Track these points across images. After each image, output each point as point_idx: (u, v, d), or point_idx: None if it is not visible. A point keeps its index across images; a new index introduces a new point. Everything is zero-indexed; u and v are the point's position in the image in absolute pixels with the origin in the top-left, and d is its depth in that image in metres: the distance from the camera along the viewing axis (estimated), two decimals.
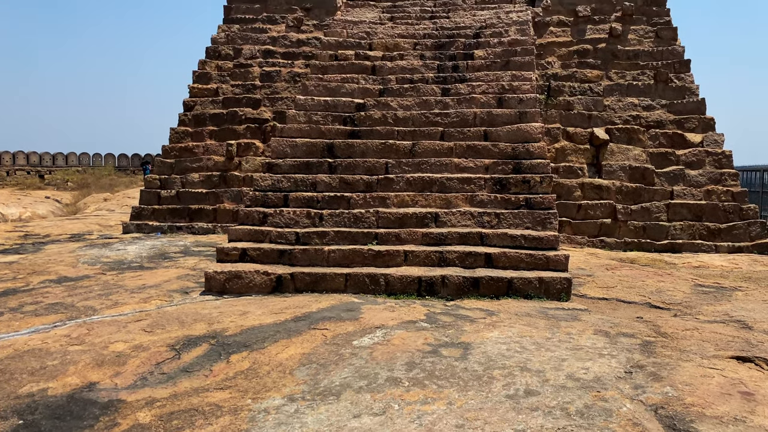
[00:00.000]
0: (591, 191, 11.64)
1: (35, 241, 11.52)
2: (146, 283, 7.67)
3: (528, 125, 9.56)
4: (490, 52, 11.70)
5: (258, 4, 15.55)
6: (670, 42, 13.60)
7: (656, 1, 14.12)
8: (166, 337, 5.26)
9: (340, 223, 8.23)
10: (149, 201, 13.20)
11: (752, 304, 6.69)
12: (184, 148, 13.68)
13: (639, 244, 11.09)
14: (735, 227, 11.16)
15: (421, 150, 9.38)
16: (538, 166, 8.90)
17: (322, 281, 7.18)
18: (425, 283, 7.05)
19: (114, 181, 29.75)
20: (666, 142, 12.23)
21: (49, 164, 35.98)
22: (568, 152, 12.09)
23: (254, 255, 7.68)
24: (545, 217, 8.08)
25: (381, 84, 11.08)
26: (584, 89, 12.88)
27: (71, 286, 7.49)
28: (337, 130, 9.93)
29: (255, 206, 8.66)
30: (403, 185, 8.81)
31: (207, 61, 14.78)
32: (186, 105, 14.30)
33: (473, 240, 7.85)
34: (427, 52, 12.04)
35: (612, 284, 7.80)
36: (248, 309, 6.20)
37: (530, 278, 7.00)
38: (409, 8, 14.73)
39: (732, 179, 11.76)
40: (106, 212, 19.29)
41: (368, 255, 7.56)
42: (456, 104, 10.29)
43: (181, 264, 9.02)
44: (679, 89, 12.88)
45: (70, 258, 9.43)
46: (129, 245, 10.70)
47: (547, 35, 13.89)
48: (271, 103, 13.86)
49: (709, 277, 8.51)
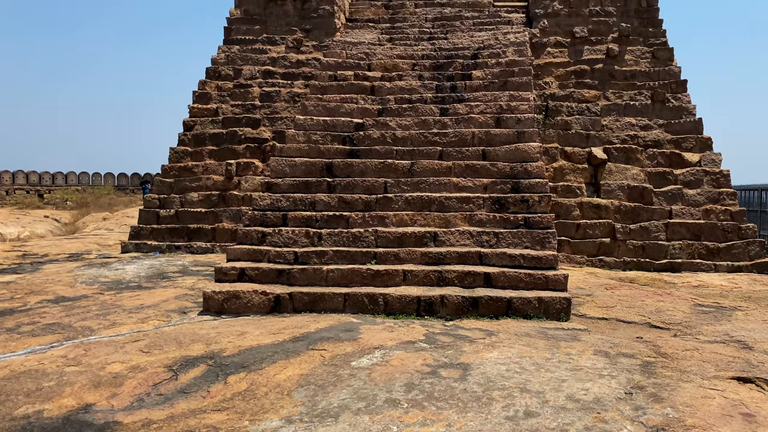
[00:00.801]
0: (590, 210, 11.65)
1: (33, 261, 11.50)
2: (144, 303, 7.64)
3: (526, 145, 9.60)
4: (488, 72, 11.79)
5: (258, 26, 15.70)
6: (667, 62, 13.71)
7: (652, 23, 14.27)
8: (163, 358, 5.23)
9: (338, 243, 8.22)
10: (148, 220, 13.19)
11: (752, 324, 6.66)
12: (184, 168, 13.71)
13: (638, 263, 11.08)
14: (734, 246, 11.15)
15: (419, 169, 9.41)
16: (536, 185, 8.92)
17: (320, 301, 7.15)
18: (424, 302, 7.02)
19: (113, 201, 29.76)
20: (664, 162, 12.28)
21: (49, 183, 36.03)
22: (566, 171, 12.13)
23: (252, 275, 7.66)
24: (544, 237, 8.08)
25: (380, 104, 11.15)
26: (582, 109, 12.96)
27: (69, 306, 7.45)
28: (336, 149, 9.97)
29: (253, 226, 8.66)
30: (402, 204, 8.82)
31: (207, 82, 14.88)
32: (186, 125, 14.37)
33: (472, 259, 7.84)
34: (425, 73, 12.14)
35: (611, 304, 7.78)
36: (246, 329, 6.17)
37: (529, 298, 6.98)
38: (407, 30, 14.88)
39: (730, 198, 11.79)
40: (105, 231, 19.27)
41: (367, 274, 7.54)
42: (454, 124, 10.35)
43: (179, 284, 8.99)
44: (676, 109, 12.96)
45: (68, 278, 9.41)
46: (127, 265, 10.67)
47: (545, 56, 14.01)
48: (271, 122, 13.93)
49: (708, 296, 8.49)
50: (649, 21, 14.28)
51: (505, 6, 16.09)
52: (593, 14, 14.40)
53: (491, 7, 16.04)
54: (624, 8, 14.46)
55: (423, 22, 15.31)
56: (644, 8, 14.43)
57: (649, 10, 14.40)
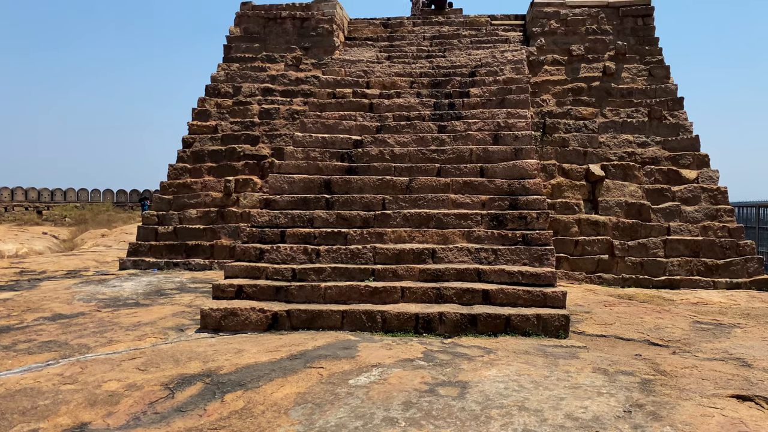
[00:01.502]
0: (588, 227, 11.66)
1: (31, 278, 11.47)
2: (141, 320, 7.61)
3: (524, 162, 9.64)
4: (486, 90, 11.87)
5: (257, 44, 15.82)
6: (663, 80, 13.81)
7: (648, 41, 14.40)
8: (160, 376, 5.20)
9: (337, 259, 8.22)
10: (146, 237, 13.18)
11: (751, 342, 6.65)
12: (183, 185, 13.73)
13: (637, 280, 11.07)
14: (732, 263, 11.15)
15: (417, 186, 9.43)
16: (534, 202, 8.94)
17: (318, 318, 7.13)
18: (422, 320, 7.00)
19: (112, 217, 29.73)
20: (661, 179, 12.32)
21: (48, 200, 36.02)
22: (564, 188, 12.16)
23: (250, 292, 7.65)
24: (542, 254, 8.08)
25: (378, 121, 11.20)
26: (579, 126, 13.03)
27: (65, 323, 7.42)
28: (334, 166, 10.00)
29: (252, 242, 8.65)
30: (400, 221, 8.83)
31: (206, 99, 14.95)
32: (185, 142, 14.42)
33: (470, 276, 7.83)
34: (423, 90, 12.22)
35: (610, 321, 7.76)
36: (243, 347, 6.15)
37: (528, 315, 6.97)
38: (406, 48, 14.99)
39: (728, 215, 11.81)
40: (104, 248, 19.24)
41: (365, 291, 7.53)
42: (452, 141, 10.39)
43: (176, 301, 8.97)
44: (673, 126, 13.03)
45: (66, 295, 9.38)
46: (125, 282, 10.65)
47: (542, 74, 14.11)
48: (270, 139, 13.98)
49: (707, 313, 8.47)
50: (645, 39, 14.41)
51: (503, 24, 16.24)
52: (590, 32, 14.54)
53: (489, 25, 16.19)
54: (620, 27, 14.60)
55: (421, 41, 15.43)
56: (640, 27, 14.57)
57: (645, 29, 14.53)
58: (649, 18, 14.60)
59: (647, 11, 14.58)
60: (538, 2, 15.02)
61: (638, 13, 14.59)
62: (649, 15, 14.60)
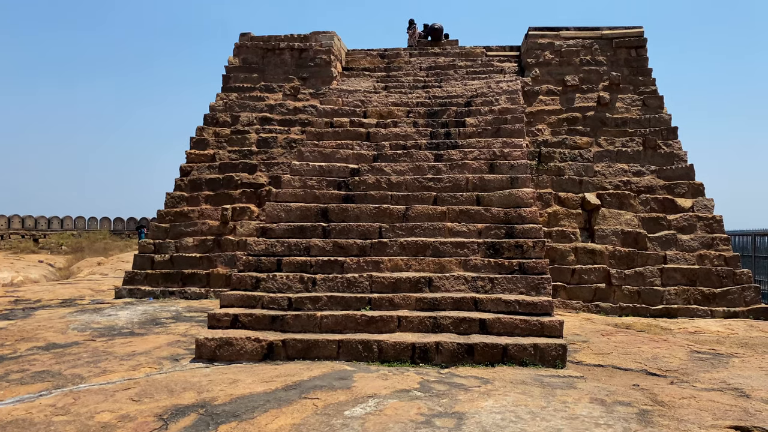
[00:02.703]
0: (584, 256, 11.68)
1: (26, 307, 11.40)
2: (136, 349, 7.55)
3: (520, 190, 9.69)
4: (482, 119, 11.99)
5: (256, 74, 16.00)
6: (657, 110, 13.97)
7: (642, 71, 14.60)
8: (154, 407, 5.15)
9: (333, 288, 8.20)
10: (143, 265, 13.15)
11: (749, 372, 6.61)
12: (180, 213, 13.75)
13: (634, 309, 11.05)
14: (729, 292, 11.15)
15: (414, 214, 9.46)
16: (530, 230, 8.97)
17: (314, 348, 7.09)
18: (419, 349, 6.96)
19: (108, 245, 29.68)
20: (657, 207, 12.38)
21: (45, 228, 35.98)
22: (560, 217, 12.20)
23: (246, 321, 7.61)
24: (539, 282, 8.08)
25: (375, 150, 11.29)
26: (574, 155, 13.13)
27: (59, 353, 7.36)
28: (331, 194, 10.03)
29: (248, 271, 8.64)
30: (397, 249, 8.83)
31: (205, 128, 15.06)
32: (183, 170, 14.48)
33: (467, 305, 7.81)
34: (420, 120, 12.33)
35: (607, 350, 7.72)
36: (238, 377, 6.10)
37: (525, 345, 6.93)
38: (402, 78, 15.18)
39: (724, 244, 11.84)
40: (100, 276, 19.16)
41: (361, 320, 7.49)
42: (449, 170, 10.46)
43: (172, 330, 8.91)
44: (667, 155, 13.14)
45: (60, 324, 9.31)
46: (120, 311, 10.59)
47: (537, 103, 14.27)
48: (268, 168, 14.05)
49: (705, 343, 8.43)
50: (638, 70, 14.62)
51: (498, 55, 16.47)
52: (584, 63, 14.75)
53: (484, 56, 16.42)
54: (614, 57, 14.82)
55: (417, 71, 15.63)
56: (634, 57, 14.79)
57: (638, 60, 14.75)
58: (642, 49, 14.83)
59: (640, 42, 14.82)
60: (532, 34, 15.27)
61: (631, 44, 14.83)
62: (642, 46, 14.84)
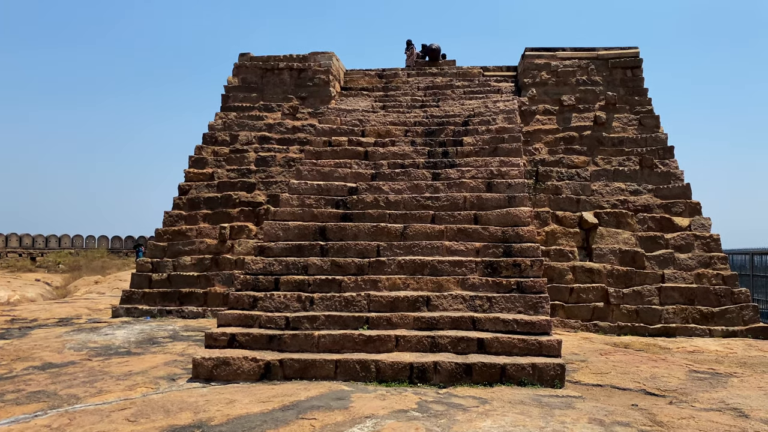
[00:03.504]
0: (582, 274, 11.67)
1: (22, 326, 11.34)
2: (133, 369, 7.51)
3: (517, 209, 9.72)
4: (479, 138, 12.06)
5: (255, 93, 16.11)
6: (653, 129, 14.07)
7: (638, 91, 14.73)
8: (149, 427, 5.11)
9: (331, 307, 8.18)
10: (140, 284, 13.11)
11: (748, 391, 6.59)
12: (178, 231, 13.75)
13: (633, 328, 11.02)
14: (728, 311, 11.13)
15: (412, 233, 9.47)
16: (528, 249, 8.98)
17: (311, 368, 7.06)
18: (417, 369, 6.94)
19: (106, 264, 29.60)
20: (654, 226, 12.41)
21: (42, 246, 35.93)
22: (558, 236, 12.22)
23: (243, 340, 7.58)
24: (537, 301, 8.07)
25: (373, 168, 11.33)
26: (572, 174, 13.19)
27: (55, 372, 7.32)
28: (329, 213, 10.06)
29: (245, 290, 8.63)
30: (395, 268, 8.83)
31: (203, 147, 15.12)
32: (181, 189, 14.50)
33: (465, 324, 7.79)
34: (417, 139, 12.40)
35: (606, 370, 7.69)
36: (235, 397, 6.06)
37: (523, 364, 6.91)
38: (400, 98, 15.29)
39: (721, 263, 11.85)
40: (97, 295, 19.09)
41: (359, 340, 7.47)
42: (446, 188, 10.50)
43: (169, 349, 8.87)
44: (664, 174, 13.20)
45: (57, 343, 9.27)
46: (117, 330, 10.54)
47: (534, 123, 14.37)
48: (266, 186, 14.09)
49: (704, 362, 8.41)
50: (634, 90, 14.74)
51: (495, 75, 16.61)
52: (580, 83, 14.87)
53: (481, 76, 16.56)
54: (610, 78, 14.95)
55: (415, 91, 15.75)
56: (629, 78, 14.92)
57: (634, 80, 14.88)
58: (637, 69, 14.97)
59: (636, 63, 14.96)
60: (529, 54, 15.42)
61: (627, 64, 14.97)
62: (637, 66, 14.98)
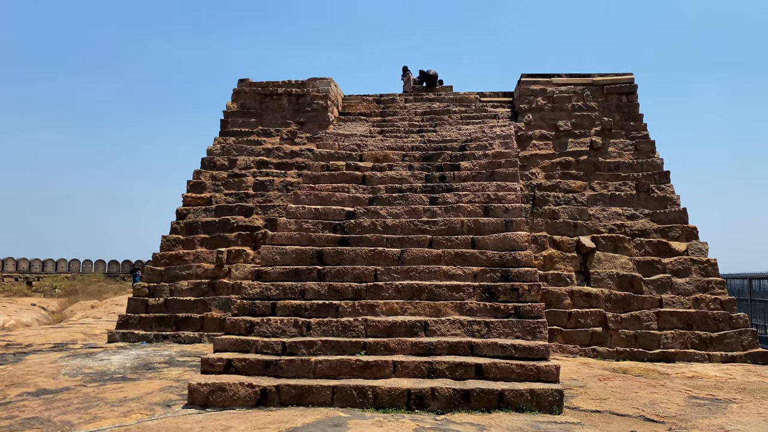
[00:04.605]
0: (580, 299, 11.65)
1: (16, 351, 11.25)
2: (128, 395, 7.44)
3: (514, 233, 9.74)
4: (476, 163, 12.13)
5: (254, 118, 16.22)
6: (649, 154, 14.17)
7: (633, 117, 14.86)
8: None
9: (327, 332, 8.14)
10: (137, 309, 13.05)
11: (747, 418, 6.54)
12: (175, 256, 13.72)
13: (631, 353, 10.96)
14: (726, 336, 11.09)
15: (409, 257, 9.47)
16: (525, 274, 8.98)
17: (308, 394, 7.00)
18: (414, 395, 6.88)
19: (103, 288, 29.46)
20: (651, 251, 12.42)
21: (38, 271, 35.78)
22: (555, 260, 12.22)
23: (239, 366, 7.53)
24: (535, 326, 8.04)
25: (371, 193, 11.37)
26: (568, 199, 13.24)
27: (50, 399, 7.25)
28: (327, 237, 10.06)
29: (242, 315, 8.59)
30: (392, 293, 8.81)
31: (202, 171, 15.18)
32: (179, 213, 14.52)
33: (463, 350, 7.76)
34: (415, 163, 12.47)
35: (605, 396, 7.64)
36: (231, 423, 6.00)
37: (521, 390, 6.87)
38: (398, 123, 15.40)
39: (719, 287, 11.84)
40: (93, 320, 18.96)
41: (356, 366, 7.42)
42: (444, 212, 10.53)
43: (165, 375, 8.80)
44: (660, 199, 13.26)
45: (51, 369, 9.19)
46: (113, 355, 10.46)
47: (530, 148, 14.46)
48: (264, 211, 14.11)
49: (703, 388, 8.36)
50: (630, 115, 14.87)
51: (491, 101, 16.77)
52: (576, 109, 15.01)
53: (478, 102, 16.71)
54: (605, 103, 15.10)
55: (413, 116, 15.88)
56: (625, 103, 15.07)
57: (629, 105, 15.03)
58: (633, 95, 15.13)
59: (631, 89, 15.13)
60: (525, 80, 15.59)
61: (622, 90, 15.13)
62: (632, 92, 15.14)
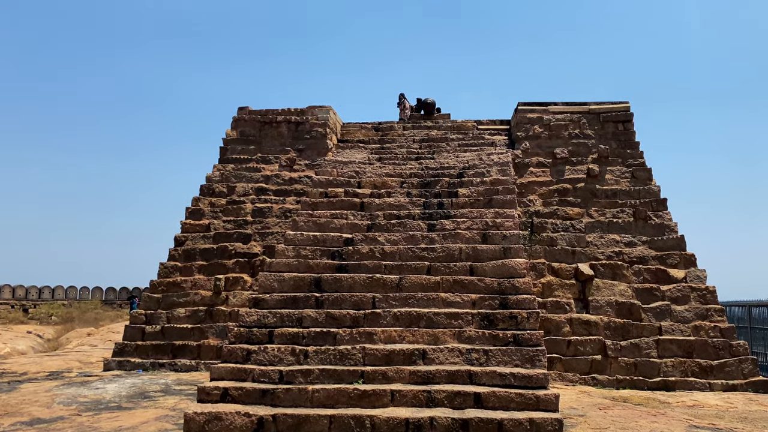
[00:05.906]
0: (579, 327, 11.59)
1: (11, 380, 11.14)
2: (123, 425, 7.35)
3: (513, 261, 9.73)
4: (474, 190, 12.18)
5: (253, 146, 16.32)
6: (646, 182, 14.24)
7: (630, 144, 14.97)
8: None
9: (325, 361, 8.08)
10: (133, 337, 12.95)
11: None
12: (172, 283, 13.67)
13: (631, 381, 10.87)
14: (727, 364, 11.02)
15: (408, 284, 9.45)
16: (524, 301, 8.95)
17: (305, 423, 6.92)
18: (413, 425, 6.81)
19: (99, 315, 29.26)
20: (650, 278, 12.41)
21: (35, 298, 35.55)
22: (554, 287, 12.20)
23: (236, 395, 7.45)
24: (534, 354, 7.99)
25: (369, 219, 11.39)
26: (566, 226, 13.27)
27: (43, 428, 7.16)
28: (325, 264, 10.04)
29: (239, 343, 8.53)
30: (391, 320, 8.77)
31: (200, 198, 15.22)
32: (177, 240, 14.51)
33: (462, 378, 7.70)
34: (413, 190, 12.52)
35: (605, 425, 7.56)
36: None
37: (521, 420, 6.80)
38: (396, 150, 15.50)
39: (719, 315, 11.80)
40: (89, 348, 18.79)
41: (354, 395, 7.35)
42: (442, 239, 10.53)
43: (160, 404, 8.70)
44: (658, 226, 13.29)
45: (46, 398, 9.09)
46: (108, 383, 10.36)
47: (528, 175, 14.54)
48: (262, 237, 14.11)
49: (704, 417, 8.27)
50: (626, 143, 14.99)
51: (489, 129, 16.91)
52: (572, 137, 15.13)
53: (475, 129, 16.85)
54: (602, 131, 15.23)
55: (411, 143, 15.99)
56: (621, 131, 15.20)
57: (625, 133, 15.16)
58: (629, 123, 15.27)
59: (627, 117, 15.28)
60: (521, 108, 15.74)
61: (618, 118, 15.28)
62: (629, 120, 15.28)
